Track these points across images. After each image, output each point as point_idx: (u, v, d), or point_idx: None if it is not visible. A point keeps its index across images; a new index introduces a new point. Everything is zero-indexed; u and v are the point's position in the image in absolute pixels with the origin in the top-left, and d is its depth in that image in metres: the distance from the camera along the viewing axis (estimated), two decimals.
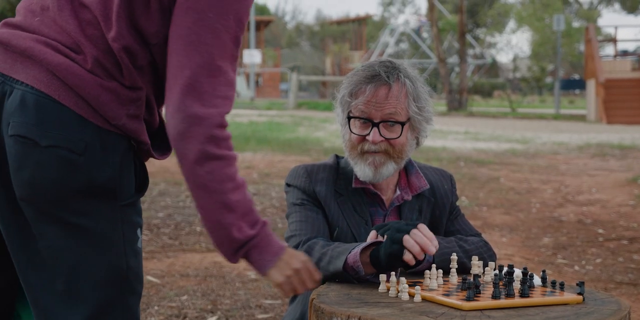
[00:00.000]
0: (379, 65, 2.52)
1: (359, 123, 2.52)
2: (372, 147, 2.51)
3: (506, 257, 6.43)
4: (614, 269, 6.23)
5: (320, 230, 2.53)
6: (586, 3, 66.54)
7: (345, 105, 2.54)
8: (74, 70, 1.94)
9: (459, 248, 2.49)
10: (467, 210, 8.53)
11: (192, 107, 1.93)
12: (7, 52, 1.99)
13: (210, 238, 2.03)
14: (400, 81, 2.50)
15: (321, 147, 15.67)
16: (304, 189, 2.60)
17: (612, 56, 33.59)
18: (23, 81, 1.94)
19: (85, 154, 1.95)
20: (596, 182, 10.96)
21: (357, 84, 2.51)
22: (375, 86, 2.48)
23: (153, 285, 5.35)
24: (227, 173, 1.98)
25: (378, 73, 2.49)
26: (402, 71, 2.52)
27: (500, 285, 2.17)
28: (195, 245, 6.68)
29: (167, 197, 9.07)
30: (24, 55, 1.96)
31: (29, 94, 1.94)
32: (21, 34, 1.98)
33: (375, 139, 2.49)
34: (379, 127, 2.49)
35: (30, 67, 1.95)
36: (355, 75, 2.53)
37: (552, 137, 20.03)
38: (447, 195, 2.72)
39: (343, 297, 2.16)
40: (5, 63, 1.99)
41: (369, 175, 2.53)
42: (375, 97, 2.48)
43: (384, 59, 2.58)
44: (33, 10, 2.02)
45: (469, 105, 38.69)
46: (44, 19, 1.99)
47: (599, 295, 2.24)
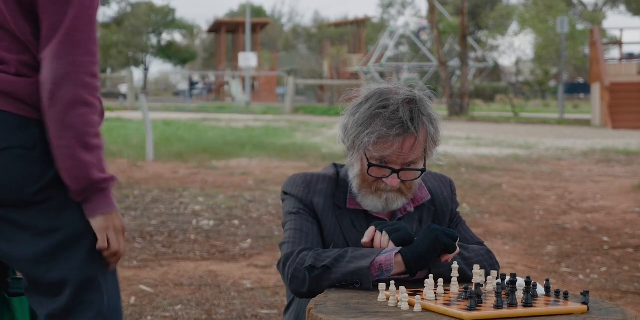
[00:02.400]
0: (402, 110, 2.43)
1: (377, 167, 2.50)
2: (388, 188, 2.51)
3: (509, 265, 6.43)
4: (619, 277, 6.23)
5: (315, 241, 2.52)
6: (591, 5, 66.67)
7: (362, 146, 2.47)
8: (3, 79, 2.20)
9: (458, 256, 2.49)
10: (468, 217, 8.54)
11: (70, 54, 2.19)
12: None
13: (63, 176, 2.21)
14: (425, 127, 2.47)
15: (319, 153, 15.67)
16: (302, 199, 2.59)
17: (617, 59, 33.62)
18: None
19: (36, 147, 2.22)
20: (601, 189, 10.97)
21: (380, 132, 2.42)
22: (403, 139, 2.43)
23: (146, 295, 5.35)
24: (93, 119, 2.21)
25: (404, 122, 2.42)
26: (424, 114, 2.47)
27: (503, 294, 2.18)
28: (190, 254, 6.68)
29: (161, 204, 9.07)
30: None
31: None
32: None
33: (394, 185, 2.49)
34: (399, 173, 2.49)
35: None
36: (377, 118, 2.44)
37: (555, 142, 20.05)
38: (447, 202, 2.72)
39: (341, 306, 2.16)
40: None
41: (379, 208, 2.55)
42: (401, 149, 2.44)
43: (405, 95, 2.47)
44: None
45: (471, 109, 38.72)
46: None
47: (604, 304, 2.24)
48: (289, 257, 2.46)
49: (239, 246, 7.03)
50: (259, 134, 20.37)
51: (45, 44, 2.19)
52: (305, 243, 2.50)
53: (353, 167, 2.55)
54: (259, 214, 8.60)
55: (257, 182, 11.09)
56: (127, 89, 39.54)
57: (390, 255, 2.33)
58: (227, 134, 19.66)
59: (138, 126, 21.05)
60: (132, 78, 39.92)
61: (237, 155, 14.77)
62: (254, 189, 10.39)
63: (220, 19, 63.88)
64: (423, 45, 53.27)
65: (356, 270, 2.33)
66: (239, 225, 7.99)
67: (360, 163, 2.51)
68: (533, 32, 49.70)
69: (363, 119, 2.46)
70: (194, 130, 20.69)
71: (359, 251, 2.39)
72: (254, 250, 6.88)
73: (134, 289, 5.50)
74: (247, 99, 48.22)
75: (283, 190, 2.65)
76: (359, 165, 2.52)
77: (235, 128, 22.92)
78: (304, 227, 2.55)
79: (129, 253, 6.63)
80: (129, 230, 7.49)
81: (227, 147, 16.08)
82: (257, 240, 7.28)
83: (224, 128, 22.37)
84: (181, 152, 14.67)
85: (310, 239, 2.52)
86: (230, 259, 6.56)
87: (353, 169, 2.55)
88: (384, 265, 2.32)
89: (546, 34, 46.63)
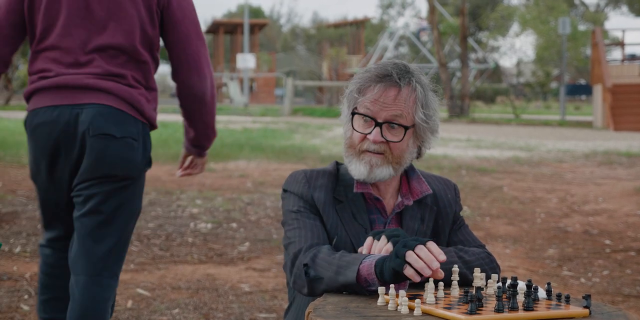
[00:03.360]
0: (392, 66, 2.54)
1: (362, 121, 2.55)
2: (372, 147, 2.53)
3: (510, 269, 6.43)
4: (621, 281, 6.24)
5: (320, 237, 2.53)
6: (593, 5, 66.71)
7: (352, 101, 2.57)
8: (122, 88, 3.27)
9: (458, 259, 2.48)
10: (469, 220, 8.54)
11: None
12: (66, 91, 3.25)
13: (200, 139, 3.66)
14: (412, 86, 2.53)
15: (318, 155, 15.67)
16: (302, 195, 2.60)
17: (619, 60, 33.62)
18: (93, 102, 3.22)
19: (138, 140, 3.31)
20: (603, 191, 10.98)
21: (366, 81, 2.53)
22: (385, 86, 2.51)
23: (143, 298, 5.35)
24: (214, 110, 3.59)
25: (390, 73, 2.51)
26: (414, 76, 2.55)
27: (504, 298, 2.17)
28: (187, 257, 6.68)
29: (158, 206, 9.07)
30: (86, 88, 3.23)
31: (101, 108, 3.23)
32: (78, 75, 3.26)
33: (376, 139, 2.51)
34: (382, 127, 2.51)
35: (95, 93, 3.24)
36: (367, 73, 2.55)
37: (557, 144, 20.06)
38: (451, 204, 2.72)
39: (340, 310, 2.16)
40: (66, 98, 3.23)
41: (364, 173, 2.55)
42: (383, 96, 2.50)
43: (399, 61, 2.60)
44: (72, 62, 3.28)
45: (471, 111, 38.76)
46: (92, 65, 3.27)
47: (606, 308, 2.24)
48: (297, 255, 2.47)
49: (237, 249, 7.03)
50: (257, 136, 20.38)
51: (178, 69, 3.43)
52: (312, 239, 2.51)
53: (345, 133, 2.62)
54: (257, 216, 8.60)
55: (256, 185, 11.09)
56: None
57: (370, 269, 2.31)
58: (225, 136, 19.65)
59: None
60: None
61: (235, 157, 14.77)
62: (252, 192, 10.39)
63: (218, 19, 63.91)
64: (423, 46, 53.33)
65: (346, 283, 2.33)
66: (237, 228, 7.98)
67: (350, 124, 2.58)
68: (534, 33, 49.74)
69: (356, 79, 2.58)
70: None
71: (345, 258, 2.38)
72: (252, 253, 6.88)
73: (131, 292, 5.50)
74: (245, 100, 48.24)
75: (284, 187, 2.67)
76: (349, 128, 2.58)
77: (233, 130, 22.92)
78: (307, 224, 2.55)
79: (126, 256, 6.62)
80: None
81: (225, 149, 16.07)
82: (255, 243, 7.28)
83: (222, 130, 22.35)
84: (178, 154, 14.64)
85: (316, 235, 2.53)
86: (228, 262, 6.56)
87: (345, 135, 2.62)
88: (368, 279, 2.31)
89: (547, 34, 46.66)
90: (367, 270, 2.30)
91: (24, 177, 10.99)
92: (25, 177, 10.91)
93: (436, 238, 2.66)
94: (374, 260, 2.32)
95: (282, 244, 2.59)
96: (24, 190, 9.84)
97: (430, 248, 2.26)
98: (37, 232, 7.34)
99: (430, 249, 2.25)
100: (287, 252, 2.54)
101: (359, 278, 2.31)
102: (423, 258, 2.22)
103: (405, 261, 2.23)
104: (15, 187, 10.10)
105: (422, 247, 2.25)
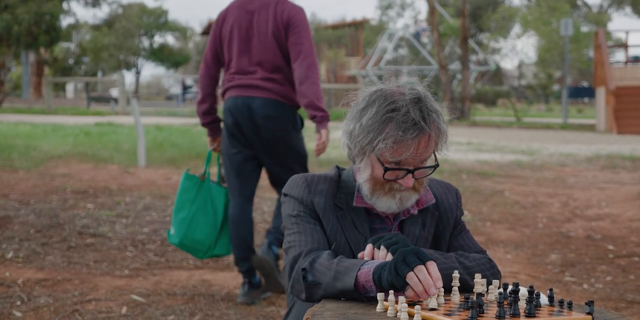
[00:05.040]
0: (413, 110, 2.43)
1: (392, 170, 2.50)
2: (402, 188, 2.52)
3: (511, 274, 6.44)
4: (625, 287, 6.24)
5: (320, 241, 2.54)
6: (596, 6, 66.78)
7: (375, 151, 2.48)
8: (277, 87, 5.39)
9: (459, 264, 2.49)
10: (470, 225, 8.55)
11: None
12: (243, 88, 5.42)
13: (311, 110, 5.26)
14: (435, 124, 2.47)
15: (315, 158, 15.66)
16: (302, 200, 2.61)
17: (623, 62, 33.65)
18: (260, 96, 5.36)
19: (289, 117, 5.43)
20: (606, 196, 10.98)
21: (396, 137, 2.41)
22: (419, 139, 2.43)
23: (138, 305, 5.35)
24: (319, 88, 5.31)
25: (417, 123, 2.42)
26: (432, 110, 2.47)
27: (505, 304, 2.18)
28: (183, 262, 6.68)
29: (153, 211, 9.07)
30: (252, 86, 5.39)
31: (265, 100, 5.37)
32: (248, 77, 5.44)
33: (410, 185, 2.51)
34: (413, 173, 2.50)
35: (260, 90, 5.38)
36: (390, 123, 2.43)
37: (559, 148, 20.07)
38: (452, 209, 2.73)
39: (339, 317, 2.16)
40: (244, 92, 5.39)
41: (394, 208, 2.57)
42: (417, 150, 2.45)
43: (409, 92, 2.48)
44: (247, 70, 5.44)
45: (472, 114, 38.77)
46: (256, 73, 5.42)
47: (609, 315, 2.25)
48: (296, 260, 2.48)
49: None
50: None
51: (294, 63, 5.33)
52: (312, 243, 2.52)
53: (362, 172, 2.56)
54: (254, 221, 8.59)
55: None
56: (118, 93, 39.50)
57: (368, 276, 2.31)
58: None
59: (129, 131, 21.04)
60: (124, 82, 39.91)
61: None
62: None
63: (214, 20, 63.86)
64: (423, 48, 53.32)
65: (344, 289, 2.33)
66: None
67: (371, 167, 2.52)
68: (536, 35, 49.75)
69: (373, 125, 2.45)
70: (187, 136, 20.67)
71: (343, 263, 2.38)
72: None
73: (126, 298, 5.50)
74: None
75: (284, 191, 2.68)
76: (369, 170, 2.53)
77: None
78: (307, 228, 2.57)
79: (120, 262, 6.63)
80: (120, 238, 7.49)
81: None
82: None
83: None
84: (174, 157, 14.65)
85: (316, 240, 2.54)
86: (224, 268, 6.56)
87: (362, 173, 2.56)
88: (366, 286, 2.32)
89: (549, 36, 46.69)
90: (365, 277, 2.31)
91: (16, 181, 10.99)
92: (18, 181, 10.90)
93: (437, 243, 2.67)
94: (372, 267, 2.32)
95: (282, 248, 2.60)
96: (16, 194, 9.83)
97: (430, 270, 2.24)
98: (29, 237, 7.34)
99: (430, 271, 2.24)
100: (286, 256, 2.55)
101: (357, 285, 2.32)
102: (422, 282, 2.21)
103: (406, 282, 2.23)
104: (8, 191, 10.10)
105: (422, 268, 2.23)
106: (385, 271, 2.27)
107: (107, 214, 8.69)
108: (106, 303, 5.37)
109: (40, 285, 5.79)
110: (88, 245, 7.20)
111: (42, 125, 23.42)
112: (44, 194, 9.94)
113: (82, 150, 15.43)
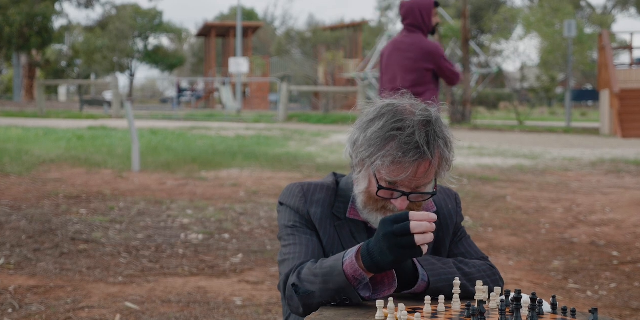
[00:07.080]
0: (419, 133, 2.40)
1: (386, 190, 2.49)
2: (396, 209, 2.50)
3: (513, 281, 6.44)
4: (629, 294, 6.24)
5: (315, 253, 2.53)
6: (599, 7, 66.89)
7: (373, 167, 2.46)
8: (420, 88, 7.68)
9: (457, 271, 2.49)
10: (471, 231, 8.55)
11: None
12: None
13: None
14: (440, 151, 2.45)
15: (313, 163, 15.68)
16: (298, 210, 2.60)
17: (627, 65, 33.70)
18: None
19: None
20: (610, 201, 10.99)
21: (395, 157, 2.39)
22: (418, 164, 2.40)
23: (132, 312, 5.35)
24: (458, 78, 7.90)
25: (420, 147, 2.39)
26: (440, 137, 2.45)
27: (507, 312, 2.18)
28: (178, 269, 6.68)
29: (147, 217, 9.07)
30: None
31: None
32: None
33: (403, 208, 2.47)
34: (408, 196, 2.48)
35: None
36: (392, 141, 2.41)
37: (562, 152, 20.08)
38: (451, 215, 2.73)
39: None
40: None
41: None
42: (415, 174, 2.42)
43: (420, 113, 2.45)
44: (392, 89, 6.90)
45: (473, 117, 38.78)
46: None
47: None
48: (288, 276, 2.47)
49: (230, 261, 7.03)
50: (250, 143, 20.38)
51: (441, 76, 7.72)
52: (305, 256, 2.51)
53: (359, 183, 2.54)
54: (250, 227, 8.60)
55: (249, 194, 11.09)
56: (112, 95, 39.54)
57: (354, 265, 2.31)
58: (217, 143, 19.66)
59: (123, 135, 21.05)
60: (117, 84, 39.94)
61: (227, 165, 14.77)
62: (245, 201, 10.39)
63: (210, 22, 63.98)
64: None
65: (339, 289, 2.33)
66: (230, 239, 7.99)
67: (368, 181, 2.49)
68: (539, 36, 49.83)
69: (375, 139, 2.43)
70: (182, 139, 20.69)
71: (325, 264, 2.38)
72: (245, 265, 6.89)
73: (119, 306, 5.50)
74: (238, 106, 48.26)
75: (279, 200, 2.67)
76: (366, 183, 2.50)
77: (225, 137, 22.92)
78: (302, 240, 2.56)
79: (114, 268, 6.63)
80: (114, 244, 7.49)
81: (217, 157, 16.08)
82: (248, 255, 7.28)
83: (214, 137, 22.38)
84: (169, 162, 14.66)
85: (311, 252, 2.53)
86: (220, 275, 6.56)
87: (359, 185, 2.54)
88: (356, 275, 2.31)
89: (552, 38, 46.76)
90: (352, 268, 2.31)
91: (7, 185, 10.99)
92: (9, 186, 10.90)
93: (437, 251, 2.67)
94: (352, 256, 2.33)
95: (277, 260, 2.59)
96: (7, 199, 9.83)
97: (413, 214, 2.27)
98: (21, 244, 7.34)
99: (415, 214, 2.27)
100: (280, 271, 2.55)
101: (348, 279, 2.32)
102: (420, 218, 2.24)
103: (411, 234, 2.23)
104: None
105: (413, 213, 2.26)
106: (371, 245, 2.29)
107: (101, 219, 8.69)
108: (99, 311, 5.37)
109: (32, 293, 5.79)
110: (81, 251, 7.20)
111: (34, 128, 23.42)
112: (36, 199, 9.94)
113: (75, 154, 15.43)
